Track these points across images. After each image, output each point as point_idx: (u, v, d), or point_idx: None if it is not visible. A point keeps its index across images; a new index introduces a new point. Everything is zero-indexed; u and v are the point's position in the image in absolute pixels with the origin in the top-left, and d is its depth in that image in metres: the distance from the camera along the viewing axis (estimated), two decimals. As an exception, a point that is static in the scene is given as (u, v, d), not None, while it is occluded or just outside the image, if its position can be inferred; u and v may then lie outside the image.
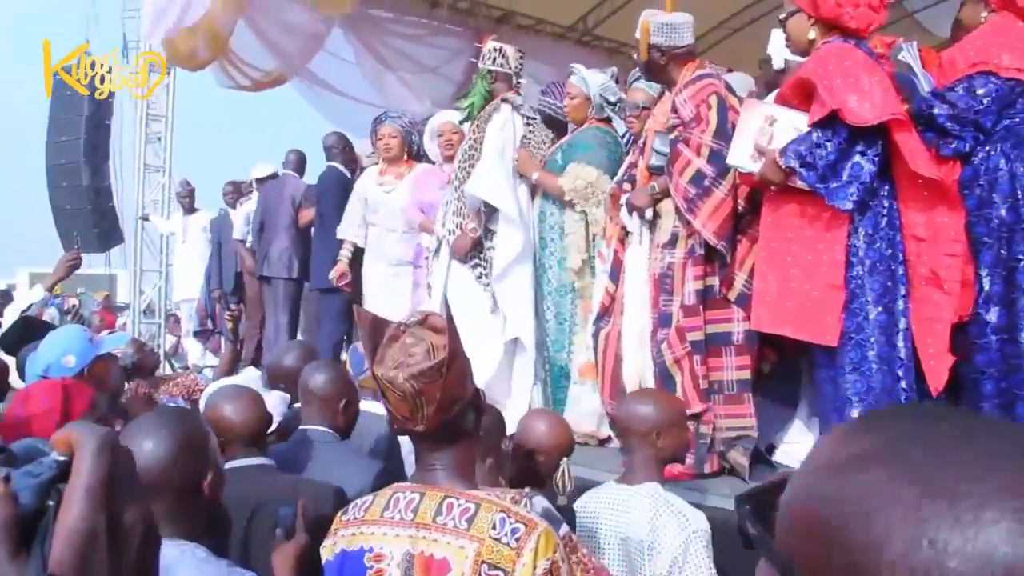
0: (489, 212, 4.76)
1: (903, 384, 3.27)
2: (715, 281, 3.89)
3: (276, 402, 3.02)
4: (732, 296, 3.86)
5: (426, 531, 1.71)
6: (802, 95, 3.45)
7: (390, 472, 2.66)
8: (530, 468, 2.73)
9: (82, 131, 11.50)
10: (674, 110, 3.99)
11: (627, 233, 4.16)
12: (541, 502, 2.73)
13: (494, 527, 1.68)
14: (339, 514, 1.86)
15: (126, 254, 11.35)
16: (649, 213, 4.03)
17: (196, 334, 8.96)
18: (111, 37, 11.93)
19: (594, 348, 4.29)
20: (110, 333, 4.79)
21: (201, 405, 2.92)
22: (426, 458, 1.81)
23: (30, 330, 3.54)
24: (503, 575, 1.65)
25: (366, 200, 5.78)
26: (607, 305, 4.24)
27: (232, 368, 5.10)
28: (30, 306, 4.14)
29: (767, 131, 3.43)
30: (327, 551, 1.83)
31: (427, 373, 1.68)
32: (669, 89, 4.10)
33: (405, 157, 5.79)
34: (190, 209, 9.23)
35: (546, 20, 10.31)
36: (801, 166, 3.26)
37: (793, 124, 3.42)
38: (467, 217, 4.82)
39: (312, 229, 6.68)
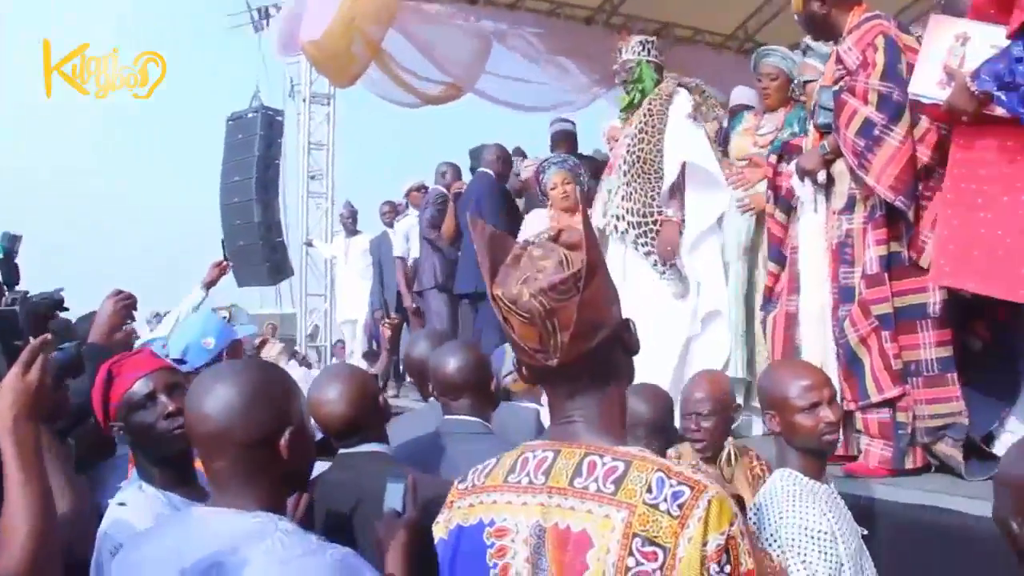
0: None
1: None
2: (901, 247, 3.38)
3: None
4: (924, 262, 3.31)
5: (561, 497, 1.34)
6: (999, 3, 2.86)
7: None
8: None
9: (254, 171, 12.02)
10: (838, 61, 3.53)
11: (789, 208, 3.78)
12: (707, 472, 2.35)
13: (649, 490, 1.28)
14: (455, 483, 1.51)
15: (293, 289, 11.65)
16: (822, 176, 3.59)
17: (364, 355, 8.91)
18: (279, 82, 12.53)
19: (763, 335, 3.92)
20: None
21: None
22: (561, 407, 1.42)
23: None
24: (662, 553, 1.25)
25: None
26: (771, 287, 3.88)
27: (387, 378, 4.91)
28: (196, 308, 4.13)
29: (958, 52, 2.87)
30: (440, 529, 1.49)
31: (559, 287, 1.32)
32: (836, 42, 3.62)
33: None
34: (352, 231, 9.26)
35: (703, 29, 9.87)
36: (999, 89, 2.70)
37: (991, 40, 2.84)
38: (647, 204, 4.53)
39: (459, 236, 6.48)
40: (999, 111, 2.74)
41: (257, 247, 12.04)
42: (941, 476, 3.29)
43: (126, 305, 2.94)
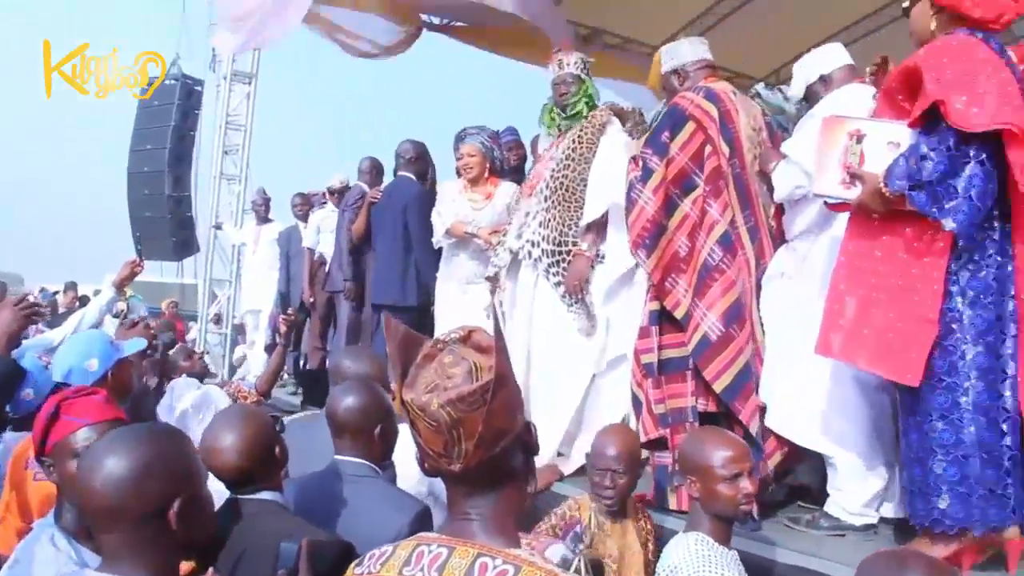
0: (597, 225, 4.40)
1: (1007, 441, 2.80)
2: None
3: None
4: (679, 313, 3.66)
5: None
6: (908, 88, 2.95)
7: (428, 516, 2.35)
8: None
9: (168, 141, 11.65)
10: None
11: None
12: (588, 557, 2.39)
13: None
14: (352, 566, 1.52)
15: (197, 262, 11.37)
16: None
17: (267, 348, 8.78)
18: (201, 48, 12.13)
19: None
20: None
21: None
22: (459, 505, 1.45)
23: None
24: None
25: (455, 213, 5.35)
26: None
27: (277, 373, 4.90)
28: (104, 307, 4.14)
29: (855, 150, 2.96)
30: None
31: (468, 399, 1.35)
32: None
33: (487, 175, 5.44)
34: (264, 219, 9.07)
35: (633, 39, 9.95)
36: (911, 188, 2.78)
37: (887, 137, 2.94)
38: (563, 232, 4.41)
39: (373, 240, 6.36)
40: (911, 207, 2.80)
41: (165, 221, 11.69)
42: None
43: (27, 315, 2.97)
